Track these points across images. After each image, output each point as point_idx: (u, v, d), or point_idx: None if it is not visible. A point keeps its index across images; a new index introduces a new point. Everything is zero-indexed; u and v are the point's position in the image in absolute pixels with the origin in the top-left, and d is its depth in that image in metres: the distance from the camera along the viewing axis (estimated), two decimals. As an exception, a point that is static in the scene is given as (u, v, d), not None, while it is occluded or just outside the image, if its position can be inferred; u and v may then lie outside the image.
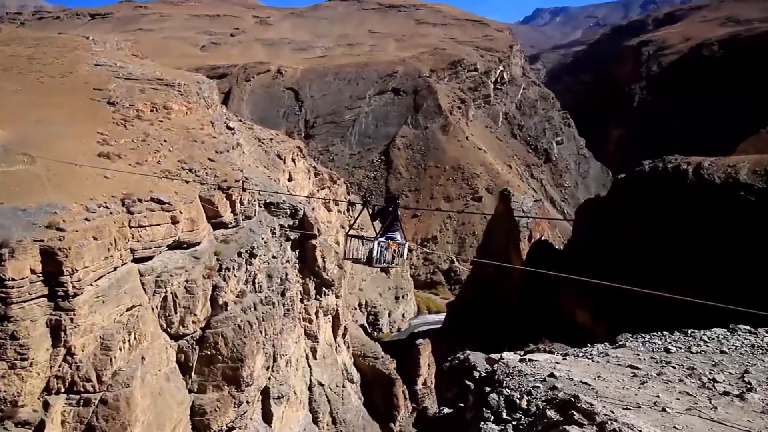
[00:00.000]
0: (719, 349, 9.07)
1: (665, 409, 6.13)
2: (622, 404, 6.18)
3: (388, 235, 10.30)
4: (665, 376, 7.59)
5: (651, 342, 9.79)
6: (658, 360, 8.47)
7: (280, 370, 26.86)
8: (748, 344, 9.29)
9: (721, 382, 7.29)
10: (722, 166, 38.06)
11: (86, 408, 16.95)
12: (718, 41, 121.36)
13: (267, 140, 43.62)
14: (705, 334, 9.87)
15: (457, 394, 9.55)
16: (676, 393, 6.89)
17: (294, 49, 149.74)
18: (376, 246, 9.92)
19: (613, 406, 5.87)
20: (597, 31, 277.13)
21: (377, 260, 10.00)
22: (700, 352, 8.90)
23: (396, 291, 72.67)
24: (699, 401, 6.60)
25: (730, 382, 7.38)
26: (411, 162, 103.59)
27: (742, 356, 8.67)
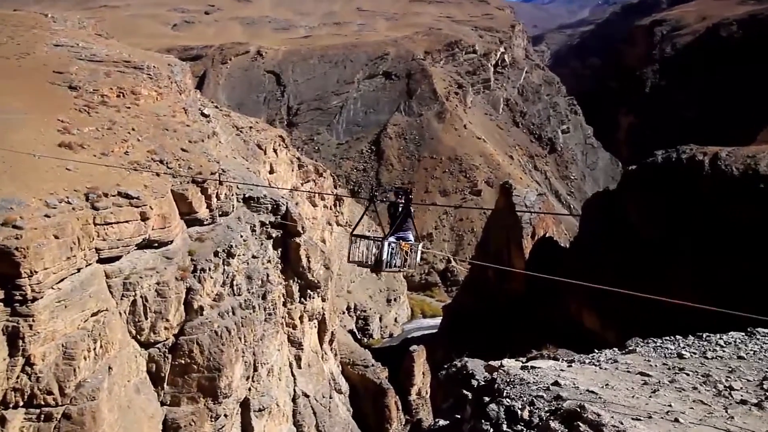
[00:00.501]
0: (736, 355, 9.18)
1: (678, 419, 6.19)
2: (632, 414, 6.24)
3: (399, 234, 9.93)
4: (678, 383, 7.67)
5: (663, 347, 9.89)
6: (671, 366, 8.56)
7: (261, 380, 26.84)
8: (767, 348, 9.42)
9: (738, 389, 7.38)
10: (741, 157, 38.40)
11: (47, 423, 16.86)
12: (737, 21, 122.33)
13: (246, 129, 43.50)
14: (721, 338, 9.99)
15: (454, 405, 9.60)
16: (690, 402, 6.96)
17: (275, 29, 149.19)
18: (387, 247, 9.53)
19: (622, 417, 5.93)
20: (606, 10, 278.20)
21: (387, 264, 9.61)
22: (716, 358, 9.01)
23: (388, 293, 72.83)
24: (714, 410, 6.68)
25: (748, 389, 7.48)
26: (404, 152, 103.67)
27: (761, 362, 8.78)
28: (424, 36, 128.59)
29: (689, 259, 37.24)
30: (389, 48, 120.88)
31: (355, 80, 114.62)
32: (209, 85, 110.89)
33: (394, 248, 9.52)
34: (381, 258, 9.39)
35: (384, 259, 9.38)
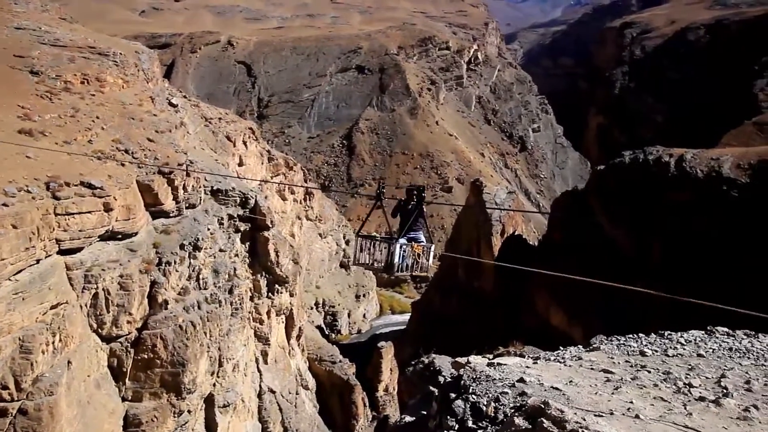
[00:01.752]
0: (696, 352, 9.45)
1: (638, 415, 6.34)
2: (594, 411, 6.37)
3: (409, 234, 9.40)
4: (640, 380, 7.86)
5: (626, 345, 10.13)
6: (633, 364, 8.76)
7: (227, 375, 26.61)
8: (725, 347, 9.72)
9: (697, 386, 7.59)
10: (705, 159, 39.50)
11: (2, 419, 16.41)
12: (705, 25, 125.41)
13: (215, 120, 42.97)
14: (682, 337, 10.28)
15: (420, 401, 9.67)
16: (651, 398, 7.14)
17: (247, 19, 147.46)
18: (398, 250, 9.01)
19: (585, 413, 6.04)
20: (578, 11, 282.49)
21: (399, 267, 9.11)
22: (677, 356, 9.26)
23: (357, 289, 72.82)
24: (674, 407, 6.86)
25: (707, 386, 7.70)
26: (375, 148, 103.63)
27: (720, 360, 9.06)
28: (398, 31, 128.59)
29: (654, 259, 38.19)
30: (363, 42, 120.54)
31: (327, 73, 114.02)
32: (178, 74, 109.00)
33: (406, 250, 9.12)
34: (392, 261, 8.95)
35: (396, 262, 8.95)
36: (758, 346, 9.79)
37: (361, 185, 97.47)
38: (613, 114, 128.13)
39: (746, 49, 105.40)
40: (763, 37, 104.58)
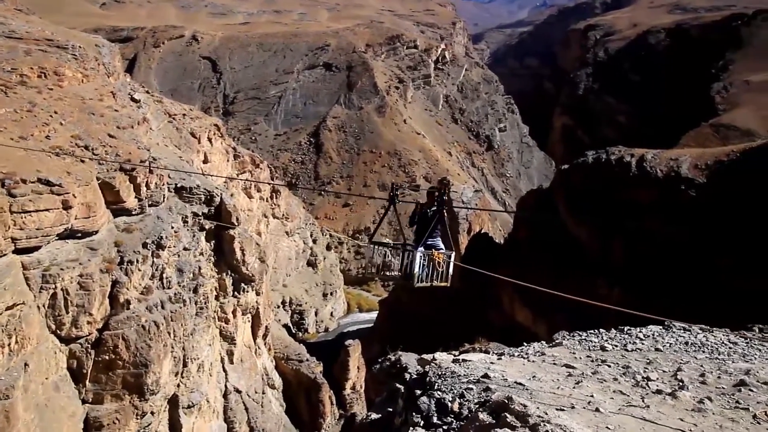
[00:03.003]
0: (654, 347, 9.74)
1: (599, 408, 6.52)
2: (556, 405, 6.52)
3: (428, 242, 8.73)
4: (600, 375, 8.07)
5: (588, 340, 10.38)
6: (594, 358, 8.98)
7: (191, 375, 26.26)
8: (682, 341, 10.05)
9: (654, 380, 7.83)
10: (665, 160, 40.59)
11: (-45, 424, 15.89)
12: (665, 29, 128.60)
13: (179, 116, 42.28)
14: (641, 332, 10.58)
15: (387, 399, 9.72)
16: (611, 392, 7.34)
17: (212, 13, 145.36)
18: (419, 259, 8.39)
19: (547, 407, 6.17)
20: (544, 12, 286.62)
21: (419, 277, 8.47)
22: (636, 350, 9.53)
23: (324, 287, 72.60)
24: (632, 400, 7.06)
25: (663, 380, 7.95)
26: (343, 146, 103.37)
27: (676, 354, 9.36)
28: (366, 28, 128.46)
29: (616, 257, 39.11)
30: (330, 39, 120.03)
31: (294, 70, 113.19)
32: (140, 69, 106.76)
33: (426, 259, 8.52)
34: (412, 271, 8.36)
35: (416, 273, 8.37)
36: (712, 340, 10.14)
37: (329, 183, 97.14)
38: (577, 114, 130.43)
39: (704, 52, 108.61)
40: (720, 41, 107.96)
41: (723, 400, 7.24)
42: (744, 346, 9.82)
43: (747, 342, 10.01)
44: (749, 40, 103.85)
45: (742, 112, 77.62)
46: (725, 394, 7.46)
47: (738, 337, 10.30)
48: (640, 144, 48.89)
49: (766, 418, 6.71)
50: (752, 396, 7.40)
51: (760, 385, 7.73)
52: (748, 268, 31.51)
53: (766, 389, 7.62)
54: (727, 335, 10.44)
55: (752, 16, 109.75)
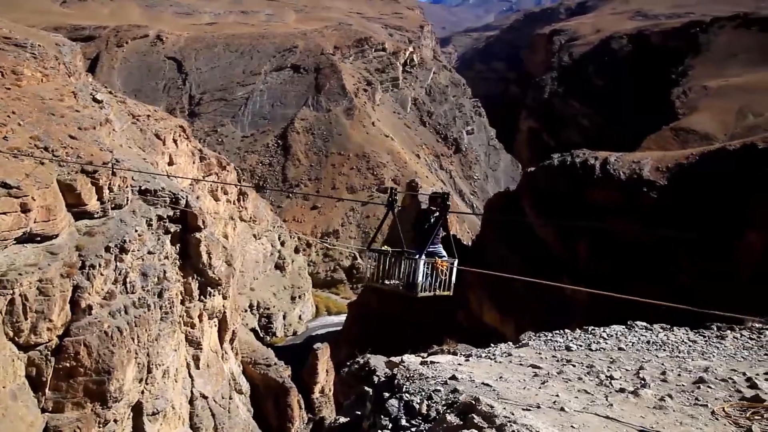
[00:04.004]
0: (617, 346, 9.96)
1: (564, 408, 6.62)
2: (523, 405, 6.60)
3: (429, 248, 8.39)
4: (565, 374, 8.20)
5: (553, 340, 10.55)
6: (559, 358, 9.13)
7: (156, 382, 25.73)
8: (644, 340, 10.30)
9: (617, 379, 8.00)
10: (627, 162, 41.57)
11: None
12: (627, 35, 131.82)
13: (143, 117, 41.51)
14: (604, 332, 10.81)
15: (355, 402, 9.70)
16: (575, 391, 7.46)
17: (177, 13, 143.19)
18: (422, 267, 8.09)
19: (514, 407, 6.24)
20: (510, 16, 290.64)
21: (422, 287, 8.16)
22: (599, 350, 9.73)
23: (292, 291, 72.15)
24: (596, 399, 7.20)
25: (626, 378, 8.13)
26: (311, 148, 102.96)
27: (638, 352, 9.59)
28: (334, 31, 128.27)
29: (581, 257, 39.85)
30: (298, 41, 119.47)
31: (262, 72, 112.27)
32: (103, 68, 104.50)
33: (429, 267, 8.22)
34: (415, 280, 8.04)
35: (419, 282, 8.05)
36: (673, 338, 10.42)
37: (297, 185, 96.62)
38: (542, 118, 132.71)
39: (664, 58, 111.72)
40: (679, 47, 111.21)
41: (683, 397, 7.44)
42: (703, 344, 10.12)
43: (706, 340, 10.31)
44: (707, 46, 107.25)
45: (701, 117, 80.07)
46: (685, 392, 7.66)
47: (697, 336, 10.60)
48: (603, 147, 50.01)
49: (723, 414, 6.91)
50: (710, 392, 7.62)
51: (718, 382, 7.97)
52: (705, 269, 32.47)
53: (723, 386, 7.86)
54: (687, 334, 10.73)
55: (709, 23, 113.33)
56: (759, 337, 10.45)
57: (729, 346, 10.00)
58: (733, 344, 10.14)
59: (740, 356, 9.48)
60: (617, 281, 35.12)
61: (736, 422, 6.70)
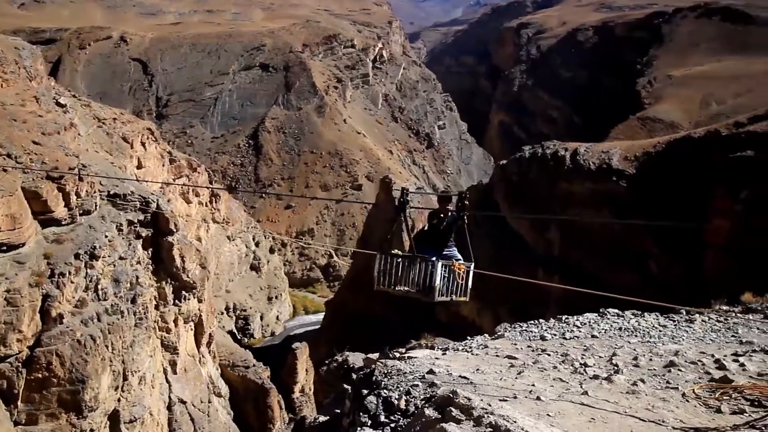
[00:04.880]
0: (590, 334, 10.16)
1: (539, 397, 6.74)
2: (499, 396, 6.70)
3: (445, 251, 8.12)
4: (541, 364, 8.35)
5: (528, 331, 10.71)
6: (535, 348, 9.28)
7: (132, 389, 25.40)
8: (616, 327, 10.53)
9: (591, 366, 8.17)
10: (597, 152, 42.19)
11: None
12: (593, 27, 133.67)
13: (109, 120, 40.77)
14: (578, 320, 11.01)
15: (335, 400, 9.72)
16: (551, 380, 7.60)
17: (140, 14, 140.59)
18: (440, 270, 7.78)
19: (491, 399, 6.33)
20: (478, 11, 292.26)
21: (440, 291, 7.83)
22: (573, 338, 9.91)
23: (268, 291, 71.70)
24: (571, 387, 7.34)
25: (600, 365, 8.30)
26: (283, 147, 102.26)
27: (611, 339, 9.80)
28: (302, 28, 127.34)
29: (554, 247, 40.41)
30: (266, 39, 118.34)
31: (230, 71, 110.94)
32: (65, 72, 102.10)
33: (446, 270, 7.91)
34: (433, 284, 7.69)
35: (437, 286, 7.72)
36: (644, 324, 10.67)
37: (270, 185, 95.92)
38: (513, 110, 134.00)
39: (629, 49, 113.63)
40: (643, 38, 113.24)
41: (655, 381, 7.63)
42: (673, 329, 10.38)
43: (675, 324, 10.58)
44: (670, 36, 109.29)
45: (666, 106, 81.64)
46: (657, 375, 7.86)
47: (667, 321, 10.87)
48: (573, 138, 50.77)
49: (694, 396, 7.11)
50: (681, 375, 7.83)
51: (688, 365, 8.19)
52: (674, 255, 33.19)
53: (693, 368, 8.08)
54: (657, 319, 10.99)
55: (672, 13, 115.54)
56: (726, 320, 10.76)
57: (698, 330, 10.28)
58: (702, 327, 10.43)
59: (708, 339, 9.76)
60: (590, 269, 35.79)
61: (706, 403, 6.90)
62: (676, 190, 34.65)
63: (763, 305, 12.20)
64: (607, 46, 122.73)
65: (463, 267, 8.09)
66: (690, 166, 35.46)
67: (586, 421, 6.19)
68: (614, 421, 6.24)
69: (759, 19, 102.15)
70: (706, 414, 6.60)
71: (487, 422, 5.49)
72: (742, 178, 30.42)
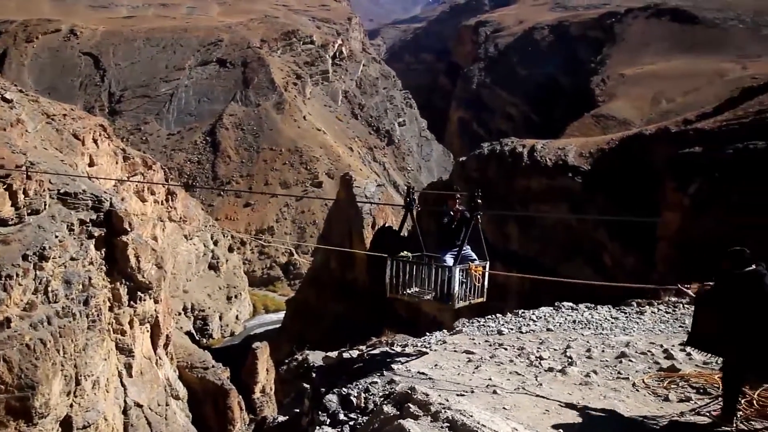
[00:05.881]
0: (546, 327, 10.39)
1: (496, 390, 6.86)
2: (457, 391, 6.79)
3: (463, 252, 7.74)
4: (497, 358, 8.49)
5: (486, 325, 10.88)
6: (492, 343, 9.43)
7: (86, 394, 24.68)
8: (570, 320, 10.79)
9: (546, 359, 8.36)
10: (553, 149, 43.06)
11: None
12: (548, 26, 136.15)
13: (59, 116, 39.43)
14: (534, 314, 11.24)
15: (294, 399, 9.67)
16: (507, 374, 7.75)
17: (91, 6, 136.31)
18: (458, 276, 7.43)
19: (449, 394, 6.41)
20: (436, 8, 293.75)
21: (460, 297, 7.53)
22: (529, 332, 10.12)
23: (228, 290, 70.74)
24: (527, 379, 7.50)
25: (555, 358, 8.50)
26: (242, 144, 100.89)
27: (566, 332, 10.05)
28: (260, 23, 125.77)
29: (512, 241, 41.11)
30: (223, 34, 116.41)
31: (186, 66, 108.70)
32: (11, 66, 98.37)
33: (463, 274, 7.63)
34: (452, 291, 7.42)
35: (456, 293, 7.43)
36: (597, 316, 10.97)
37: (228, 183, 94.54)
38: (472, 108, 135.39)
39: (584, 47, 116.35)
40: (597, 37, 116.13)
41: (607, 372, 7.87)
42: (624, 321, 10.70)
43: (627, 316, 10.91)
44: (622, 36, 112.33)
45: (619, 103, 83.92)
46: (609, 366, 8.10)
47: (619, 313, 11.20)
48: (530, 134, 51.66)
49: (643, 386, 7.36)
50: (632, 366, 8.09)
51: (638, 355, 8.47)
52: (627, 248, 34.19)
53: (643, 359, 8.36)
54: (609, 311, 11.32)
55: (624, 13, 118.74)
56: (674, 311, 11.16)
57: (648, 321, 10.63)
58: (651, 318, 10.78)
59: (658, 329, 10.10)
60: (548, 263, 36.52)
61: (655, 392, 7.15)
62: (629, 185, 35.66)
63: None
64: (563, 44, 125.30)
65: (480, 268, 7.86)
66: (642, 162, 36.54)
67: (541, 413, 6.35)
68: (568, 412, 6.41)
69: (705, 19, 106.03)
70: (655, 402, 6.85)
71: (444, 417, 5.56)
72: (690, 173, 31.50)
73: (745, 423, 5.98)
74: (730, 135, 31.03)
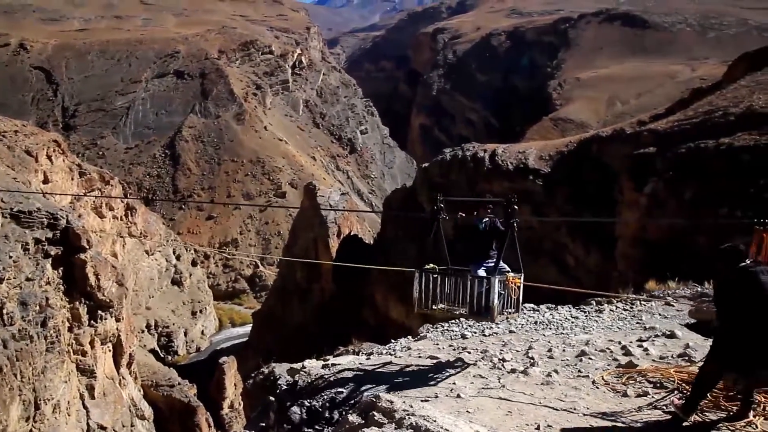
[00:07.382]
0: (508, 329, 10.56)
1: (460, 394, 6.94)
2: (421, 396, 6.84)
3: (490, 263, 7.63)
4: (461, 362, 8.59)
5: (450, 330, 11.00)
6: (456, 347, 9.54)
7: (46, 418, 23.91)
8: (532, 321, 10.99)
9: (509, 360, 8.49)
10: (514, 153, 43.74)
11: None
12: (505, 32, 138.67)
13: (10, 133, 38.34)
14: (497, 317, 11.39)
15: (260, 413, 9.58)
16: (471, 377, 7.85)
17: (41, 19, 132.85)
18: (497, 286, 7.14)
19: (413, 400, 6.46)
20: (395, 16, 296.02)
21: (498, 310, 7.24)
22: (493, 334, 10.27)
23: (192, 305, 69.54)
24: (490, 382, 7.60)
25: (517, 359, 8.65)
26: (202, 156, 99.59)
27: (527, 333, 10.23)
28: (218, 34, 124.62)
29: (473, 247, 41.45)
30: (180, 45, 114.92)
31: (142, 79, 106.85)
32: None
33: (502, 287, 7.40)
34: (490, 304, 7.12)
35: (495, 306, 7.13)
36: (558, 317, 11.20)
37: (189, 196, 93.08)
38: (433, 114, 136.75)
39: (540, 53, 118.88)
40: (552, 42, 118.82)
41: (567, 371, 8.04)
42: (584, 319, 10.95)
43: (586, 315, 11.17)
44: (576, 40, 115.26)
45: (576, 107, 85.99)
46: (569, 365, 8.28)
47: (579, 312, 11.46)
48: (491, 139, 52.44)
49: (603, 383, 7.55)
50: (591, 363, 8.28)
51: (598, 353, 8.68)
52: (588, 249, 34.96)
53: (602, 356, 8.57)
54: (569, 311, 11.57)
55: (577, 19, 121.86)
56: (632, 308, 11.48)
57: (606, 319, 10.90)
58: (610, 316, 11.07)
59: (616, 327, 10.37)
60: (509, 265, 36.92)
61: (614, 389, 7.34)
62: (588, 185, 36.48)
63: (665, 292, 13.12)
64: (520, 50, 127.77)
65: (518, 280, 7.59)
66: (600, 163, 37.44)
67: (503, 415, 6.45)
68: (529, 412, 6.54)
69: (655, 23, 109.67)
70: (614, 399, 7.03)
71: (408, 423, 5.61)
72: (646, 173, 32.40)
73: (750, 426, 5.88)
74: (683, 135, 31.99)
